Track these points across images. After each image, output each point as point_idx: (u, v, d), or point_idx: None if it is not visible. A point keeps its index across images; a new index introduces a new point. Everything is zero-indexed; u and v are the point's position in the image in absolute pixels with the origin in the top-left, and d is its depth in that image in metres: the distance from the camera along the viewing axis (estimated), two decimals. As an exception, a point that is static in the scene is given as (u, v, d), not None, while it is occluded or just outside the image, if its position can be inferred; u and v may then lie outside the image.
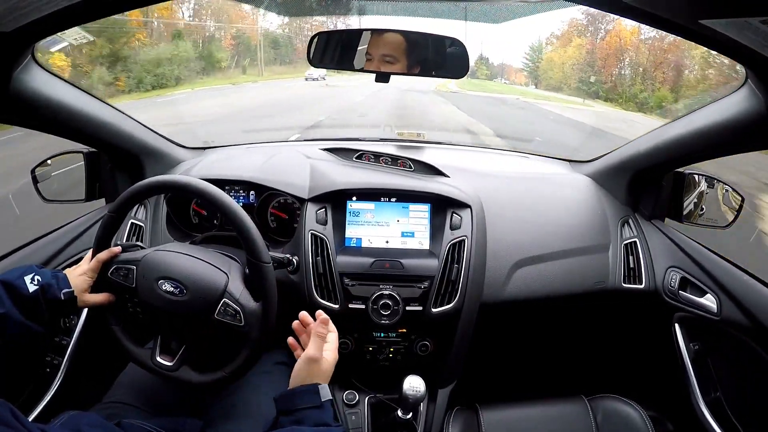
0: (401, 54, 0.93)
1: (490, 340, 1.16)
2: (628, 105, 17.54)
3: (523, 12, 1.11)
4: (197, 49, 18.43)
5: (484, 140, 7.34)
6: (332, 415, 0.65)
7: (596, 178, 1.25)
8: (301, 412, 0.64)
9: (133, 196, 0.79)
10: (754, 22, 0.46)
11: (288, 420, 0.64)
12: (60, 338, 1.00)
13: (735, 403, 0.97)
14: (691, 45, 0.63)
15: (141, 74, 13.84)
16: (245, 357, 0.75)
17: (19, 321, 0.69)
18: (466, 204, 1.04)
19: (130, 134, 1.12)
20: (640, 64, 19.89)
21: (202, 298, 0.74)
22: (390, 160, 1.16)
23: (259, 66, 21.71)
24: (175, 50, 16.01)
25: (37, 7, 0.55)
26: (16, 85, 0.75)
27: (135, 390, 0.87)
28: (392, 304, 0.96)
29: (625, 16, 0.57)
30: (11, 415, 0.49)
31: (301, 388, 0.67)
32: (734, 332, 0.92)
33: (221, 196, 0.77)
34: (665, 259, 1.09)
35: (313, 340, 0.71)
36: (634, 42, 20.45)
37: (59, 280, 0.74)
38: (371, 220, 1.06)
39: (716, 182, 1.06)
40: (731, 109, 0.79)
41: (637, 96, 18.23)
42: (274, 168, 1.14)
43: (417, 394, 0.89)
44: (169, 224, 1.10)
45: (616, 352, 1.29)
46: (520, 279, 1.06)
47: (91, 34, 7.17)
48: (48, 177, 1.12)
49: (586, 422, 0.92)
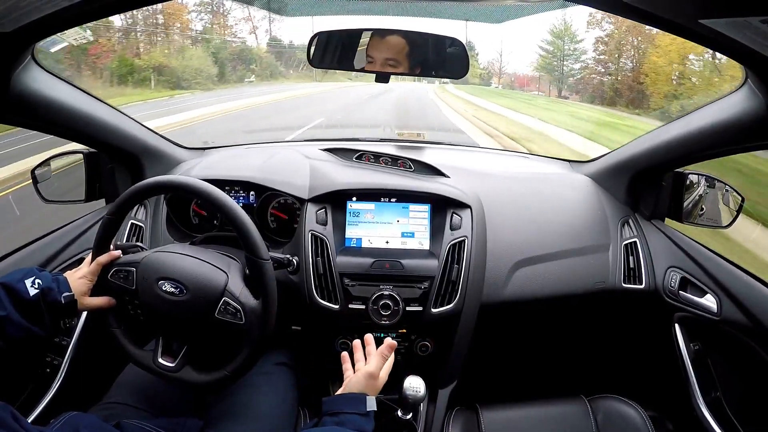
0: (402, 57, 0.93)
1: (490, 340, 1.16)
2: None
3: (523, 12, 1.11)
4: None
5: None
6: (373, 428, 0.69)
7: (596, 178, 1.25)
8: (344, 416, 0.68)
9: (133, 197, 0.79)
10: (754, 22, 0.46)
11: (331, 420, 0.68)
12: (60, 339, 1.00)
13: (735, 403, 0.97)
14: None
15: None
16: (247, 355, 0.75)
17: (20, 324, 0.69)
18: (466, 204, 1.04)
19: (130, 134, 1.12)
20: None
21: (203, 297, 0.74)
22: (390, 160, 1.16)
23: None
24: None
25: (37, 7, 0.55)
26: (16, 86, 0.75)
27: (135, 390, 0.87)
28: (392, 304, 0.96)
29: (625, 16, 0.57)
30: (12, 418, 0.49)
31: (350, 395, 0.72)
32: (734, 332, 0.92)
33: (220, 196, 0.77)
34: (665, 259, 1.09)
35: (376, 358, 0.77)
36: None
37: (59, 283, 0.74)
38: (371, 221, 1.06)
39: (716, 182, 1.06)
40: (731, 109, 0.79)
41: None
42: (274, 168, 1.14)
43: (417, 395, 0.88)
44: (169, 225, 1.10)
45: (616, 352, 1.29)
46: (520, 279, 1.06)
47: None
48: (48, 177, 1.12)
49: (586, 422, 0.92)
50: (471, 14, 1.80)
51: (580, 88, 19.46)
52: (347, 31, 0.95)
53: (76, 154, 1.14)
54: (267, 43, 25.61)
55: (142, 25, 17.69)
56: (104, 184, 1.16)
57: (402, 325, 0.99)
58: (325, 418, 0.68)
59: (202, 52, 18.36)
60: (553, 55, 20.48)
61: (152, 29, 18.09)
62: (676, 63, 13.15)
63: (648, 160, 1.09)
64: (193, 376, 0.77)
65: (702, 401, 1.00)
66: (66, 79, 0.90)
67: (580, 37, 20.08)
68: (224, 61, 19.41)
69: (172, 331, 0.79)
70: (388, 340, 0.80)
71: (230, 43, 22.30)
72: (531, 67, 25.02)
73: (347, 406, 0.69)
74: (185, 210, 1.15)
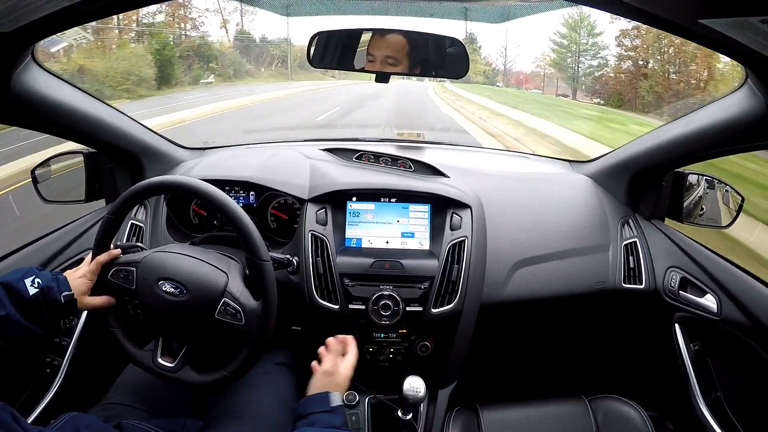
0: (403, 56, 0.93)
1: (490, 341, 1.16)
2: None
3: (523, 12, 1.11)
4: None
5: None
6: (343, 421, 0.73)
7: (596, 178, 1.25)
8: (313, 416, 0.72)
9: (133, 197, 0.79)
10: (754, 22, 0.46)
11: (302, 423, 0.72)
12: (60, 339, 1.00)
13: (735, 403, 0.97)
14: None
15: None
16: (246, 356, 0.75)
17: (20, 323, 0.69)
18: (466, 204, 1.04)
19: (130, 135, 1.12)
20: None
21: (203, 298, 0.74)
22: (390, 160, 1.16)
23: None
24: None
25: (37, 7, 0.55)
26: (16, 86, 0.75)
27: (135, 391, 0.87)
28: (392, 304, 0.96)
29: (625, 16, 0.57)
30: (11, 419, 0.49)
31: (315, 395, 0.76)
32: (734, 332, 0.92)
33: (220, 196, 0.77)
34: (665, 259, 1.09)
35: (329, 356, 0.82)
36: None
37: (59, 282, 0.74)
38: (371, 221, 1.06)
39: (716, 182, 1.06)
40: (731, 109, 0.79)
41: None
42: (274, 168, 1.14)
43: (417, 395, 0.88)
44: (170, 225, 1.10)
45: (616, 352, 1.29)
46: (520, 279, 1.06)
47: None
48: (48, 177, 1.12)
49: (586, 422, 0.92)
50: (470, 14, 1.79)
51: (598, 89, 17.13)
52: (347, 31, 0.95)
53: (76, 155, 1.14)
54: (235, 37, 22.39)
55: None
56: (104, 184, 1.16)
57: (402, 326, 0.99)
58: (297, 423, 0.72)
59: (143, 50, 15.03)
60: (567, 50, 18.29)
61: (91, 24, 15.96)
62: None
63: (648, 160, 1.09)
64: (193, 377, 0.77)
65: (702, 401, 1.00)
66: (66, 79, 0.90)
67: (599, 29, 17.93)
68: (171, 59, 16.16)
69: (171, 331, 0.79)
70: (339, 337, 0.84)
71: (189, 38, 19.47)
72: (537, 64, 21.86)
73: (314, 406, 0.74)
74: (185, 210, 1.15)
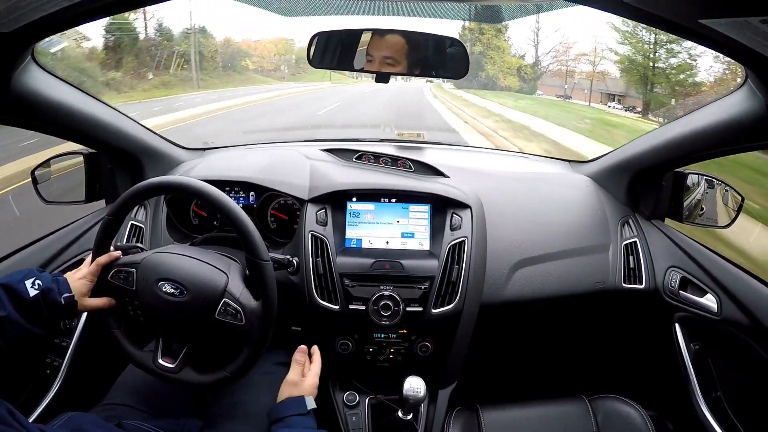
0: (402, 56, 0.93)
1: (490, 341, 1.16)
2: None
3: (523, 12, 1.11)
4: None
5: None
6: (315, 425, 0.76)
7: (596, 178, 1.25)
8: (290, 419, 0.74)
9: (133, 198, 0.79)
10: (754, 22, 0.46)
11: (278, 425, 0.73)
12: (60, 340, 1.00)
13: (735, 402, 0.97)
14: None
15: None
16: (247, 356, 0.75)
17: (20, 324, 0.69)
18: (466, 204, 1.04)
19: (130, 135, 1.11)
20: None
21: (203, 298, 0.74)
22: (390, 160, 1.16)
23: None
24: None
25: (37, 7, 0.55)
26: (16, 86, 0.75)
27: (135, 391, 0.87)
28: (392, 305, 0.96)
29: (625, 16, 0.57)
30: (8, 415, 0.49)
31: (290, 399, 0.77)
32: (734, 332, 0.92)
33: (220, 197, 0.77)
34: (665, 259, 1.09)
35: (292, 367, 0.83)
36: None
37: (59, 284, 0.74)
38: (371, 221, 1.06)
39: (716, 182, 1.06)
40: (731, 109, 0.79)
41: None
42: (273, 169, 1.14)
43: (417, 395, 0.88)
44: (169, 225, 1.10)
45: (616, 352, 1.29)
46: (520, 279, 1.06)
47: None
48: (48, 178, 1.12)
49: (586, 422, 0.92)
50: (470, 14, 1.77)
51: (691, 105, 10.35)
52: (347, 32, 0.95)
53: (75, 155, 1.14)
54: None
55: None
56: (104, 185, 1.16)
57: (402, 326, 0.99)
58: (272, 427, 0.74)
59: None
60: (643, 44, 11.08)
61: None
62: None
63: (648, 160, 1.09)
64: (193, 377, 0.77)
65: (702, 401, 1.00)
66: (66, 80, 0.90)
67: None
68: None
69: (172, 332, 0.79)
70: (302, 347, 0.86)
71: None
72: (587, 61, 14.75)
73: (290, 409, 0.76)
74: (185, 211, 1.15)
